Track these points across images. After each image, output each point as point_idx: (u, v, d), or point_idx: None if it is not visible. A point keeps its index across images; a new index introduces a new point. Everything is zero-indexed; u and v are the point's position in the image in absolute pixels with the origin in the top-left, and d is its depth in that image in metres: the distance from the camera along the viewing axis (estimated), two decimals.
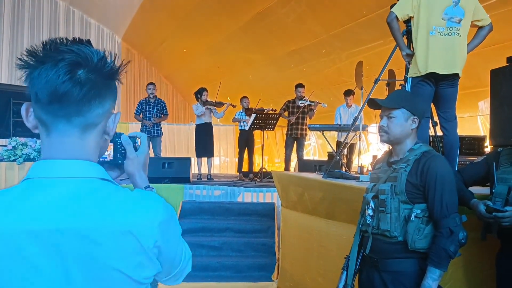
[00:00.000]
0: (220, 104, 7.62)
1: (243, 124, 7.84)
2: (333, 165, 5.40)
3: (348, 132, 5.12)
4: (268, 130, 7.49)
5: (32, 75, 0.84)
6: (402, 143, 2.11)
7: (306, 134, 7.85)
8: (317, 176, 4.07)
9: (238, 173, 8.10)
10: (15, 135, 5.92)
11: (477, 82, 6.95)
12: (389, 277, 2.01)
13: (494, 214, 2.20)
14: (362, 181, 3.45)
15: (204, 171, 7.86)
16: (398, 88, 4.28)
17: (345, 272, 2.20)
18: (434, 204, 1.92)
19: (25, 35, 11.10)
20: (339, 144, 7.42)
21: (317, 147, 12.32)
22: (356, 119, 3.90)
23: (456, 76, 3.17)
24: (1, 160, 5.66)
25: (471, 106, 7.66)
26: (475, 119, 7.74)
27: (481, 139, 4.79)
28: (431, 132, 3.63)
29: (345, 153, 7.47)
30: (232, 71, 12.33)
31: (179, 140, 11.10)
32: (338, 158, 6.04)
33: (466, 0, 3.11)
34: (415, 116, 2.07)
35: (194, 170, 7.96)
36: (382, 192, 2.05)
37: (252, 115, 7.33)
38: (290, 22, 8.78)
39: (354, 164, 7.33)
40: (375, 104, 2.22)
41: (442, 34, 3.10)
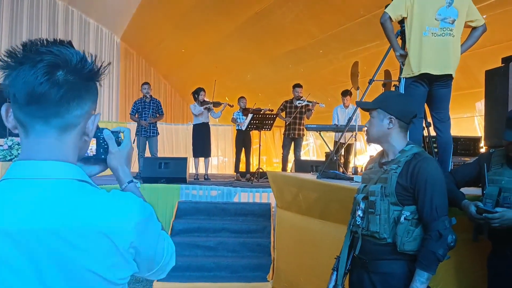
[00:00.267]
0: (217, 104, 7.61)
1: (239, 124, 7.84)
2: (329, 165, 5.41)
3: (342, 133, 5.11)
4: (265, 130, 7.48)
5: (11, 76, 0.84)
6: (385, 143, 2.10)
7: (304, 134, 7.84)
8: (311, 176, 4.06)
9: (235, 173, 8.10)
10: (11, 135, 5.92)
11: (474, 82, 6.96)
12: (378, 278, 2.00)
13: (484, 215, 2.20)
14: (356, 181, 3.44)
15: (201, 171, 7.86)
16: (393, 89, 4.28)
17: (335, 272, 2.20)
18: (424, 207, 1.91)
19: (23, 34, 11.07)
20: (336, 144, 7.41)
21: (315, 147, 12.33)
22: (350, 119, 3.90)
23: (449, 77, 3.16)
24: None
25: (468, 107, 7.67)
26: (472, 120, 7.74)
27: (476, 140, 4.78)
28: (425, 132, 3.62)
29: (342, 153, 7.47)
30: (230, 71, 12.34)
31: (177, 140, 11.10)
32: (335, 158, 6.05)
33: (460, 0, 3.11)
34: (392, 116, 2.05)
35: (191, 170, 7.96)
36: (372, 194, 2.04)
37: (249, 115, 7.33)
38: (287, 23, 8.79)
39: (352, 164, 7.33)
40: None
41: (435, 34, 3.09)
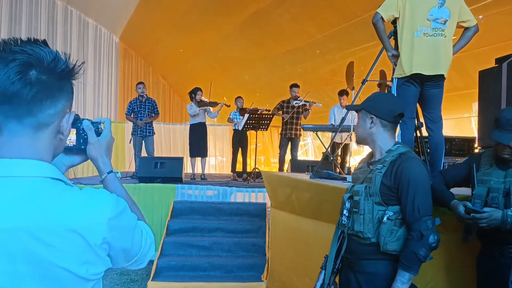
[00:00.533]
0: (214, 104, 7.61)
1: (236, 124, 7.84)
2: (324, 165, 5.40)
3: (335, 133, 5.11)
4: (261, 130, 7.49)
5: None
6: (371, 143, 2.11)
7: (301, 135, 7.84)
8: (305, 176, 4.06)
9: (232, 173, 8.10)
10: None
11: (471, 83, 6.95)
12: (363, 278, 2.00)
13: (472, 215, 2.21)
14: (349, 181, 3.44)
15: (198, 171, 7.85)
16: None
17: (323, 271, 2.20)
18: (406, 207, 1.90)
19: (22, 34, 11.05)
20: (334, 144, 7.42)
21: (312, 147, 12.34)
22: (343, 119, 3.89)
23: (441, 77, 3.16)
24: None
25: (465, 107, 7.67)
26: (469, 120, 7.74)
27: (471, 140, 4.78)
28: (418, 133, 3.61)
29: (339, 153, 7.47)
30: (228, 71, 12.35)
31: (174, 140, 11.10)
32: (331, 159, 6.06)
33: (452, 1, 3.11)
34: (373, 116, 2.05)
35: (188, 170, 7.96)
36: (356, 193, 2.05)
37: (245, 115, 7.33)
38: (284, 23, 8.79)
39: (348, 164, 7.33)
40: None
41: (427, 35, 3.09)
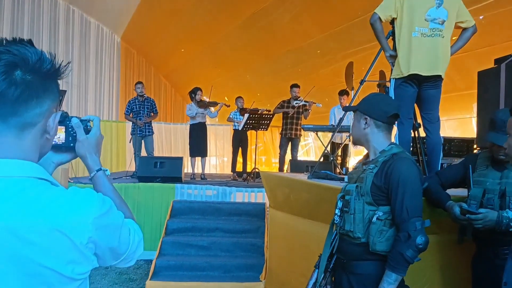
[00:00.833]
0: (214, 103, 7.61)
1: (237, 124, 7.84)
2: (324, 166, 5.40)
3: (334, 133, 5.11)
4: (261, 130, 7.48)
5: None
6: (366, 144, 2.11)
7: (301, 135, 7.83)
8: (303, 177, 4.06)
9: (232, 173, 8.10)
10: None
11: (472, 83, 6.88)
12: (355, 279, 2.00)
13: (468, 216, 2.20)
14: (346, 182, 3.44)
15: (198, 170, 7.86)
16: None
17: (317, 270, 2.20)
18: (395, 207, 1.89)
19: (25, 33, 11.08)
20: (333, 145, 7.41)
21: (313, 147, 12.33)
22: (341, 120, 3.89)
23: (438, 78, 3.16)
24: None
25: (466, 108, 7.65)
26: (470, 121, 7.71)
27: (470, 141, 4.76)
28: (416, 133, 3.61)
29: (339, 154, 7.46)
30: (229, 71, 12.35)
31: (175, 140, 11.10)
32: (332, 159, 6.06)
33: (450, 1, 3.10)
34: (366, 116, 2.06)
35: (188, 169, 7.96)
36: (348, 193, 2.05)
37: (245, 115, 7.33)
38: (285, 23, 8.79)
39: (348, 165, 7.32)
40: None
41: (425, 35, 3.09)
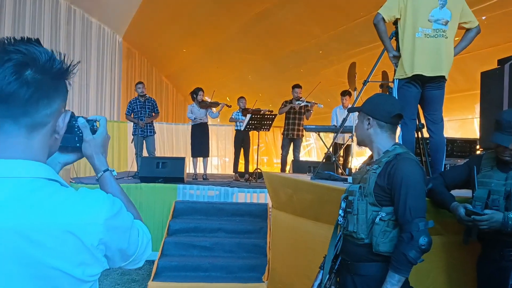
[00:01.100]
0: (215, 104, 7.60)
1: (239, 124, 7.82)
2: (326, 166, 5.39)
3: (337, 133, 5.10)
4: (263, 130, 7.47)
5: None
6: (369, 144, 2.11)
7: (303, 135, 7.82)
8: (306, 177, 4.05)
9: (234, 173, 8.09)
10: None
11: (474, 84, 6.89)
12: (359, 280, 1.99)
13: (473, 217, 2.19)
14: (349, 182, 3.43)
15: (200, 171, 7.84)
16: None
17: (321, 271, 2.19)
18: (398, 208, 1.88)
19: (26, 33, 11.07)
20: (336, 145, 7.40)
21: (315, 148, 12.32)
22: (344, 120, 3.88)
23: (442, 79, 3.15)
24: None
25: (469, 108, 7.64)
26: (472, 122, 7.70)
27: (473, 142, 4.75)
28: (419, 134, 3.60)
29: (341, 154, 7.45)
30: (231, 72, 12.35)
31: (177, 140, 11.10)
32: (333, 159, 6.04)
33: (453, 2, 3.09)
34: (369, 117, 2.05)
35: (190, 170, 7.96)
36: (351, 193, 2.05)
37: (248, 116, 7.32)
38: (288, 23, 8.78)
39: (350, 165, 7.31)
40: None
41: (428, 36, 3.08)
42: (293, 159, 7.47)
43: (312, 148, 13.07)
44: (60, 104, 0.94)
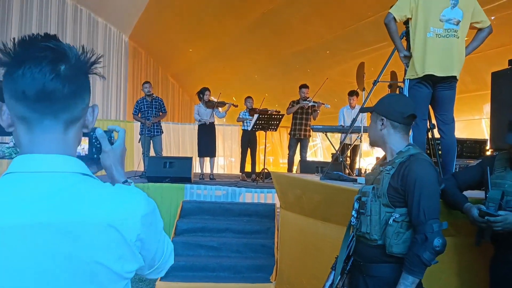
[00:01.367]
0: (222, 103, 7.60)
1: (246, 124, 7.81)
2: (334, 166, 5.37)
3: (346, 134, 5.08)
4: (270, 130, 7.46)
5: (16, 74, 0.84)
6: (383, 145, 2.10)
7: (310, 135, 7.80)
8: (315, 177, 4.04)
9: (241, 173, 8.08)
10: None
11: (482, 84, 6.88)
12: (371, 281, 1.99)
13: (487, 218, 2.18)
14: (360, 183, 3.42)
15: (207, 170, 7.84)
16: (397, 91, 4.24)
17: (333, 272, 2.19)
18: (412, 209, 1.87)
19: (32, 33, 11.16)
20: (343, 145, 7.37)
21: (321, 148, 12.30)
22: (354, 120, 3.87)
23: (453, 79, 3.13)
24: (2, 157, 5.68)
25: (476, 109, 7.60)
26: (480, 122, 7.66)
27: (482, 142, 4.72)
28: (430, 134, 3.58)
29: (348, 154, 7.43)
30: (237, 71, 12.34)
31: (183, 140, 11.12)
32: (341, 160, 6.02)
33: (465, 1, 3.07)
34: (383, 117, 2.04)
35: (197, 170, 7.96)
36: (364, 194, 2.04)
37: (255, 116, 7.31)
38: (294, 23, 8.76)
39: (357, 166, 7.28)
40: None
41: (439, 35, 3.06)
42: (300, 159, 7.46)
43: (318, 148, 13.06)
44: (89, 97, 0.96)
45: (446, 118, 3.22)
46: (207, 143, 7.51)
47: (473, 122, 7.90)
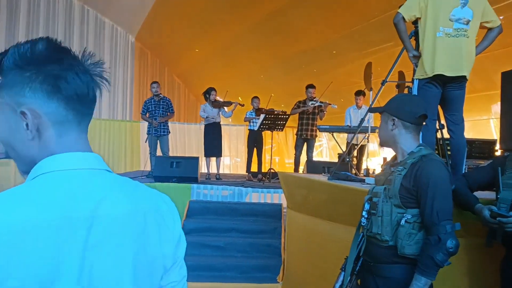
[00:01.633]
0: (228, 103, 7.60)
1: (252, 124, 7.81)
2: (341, 167, 5.35)
3: (354, 134, 5.06)
4: (277, 130, 7.46)
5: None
6: (393, 145, 2.08)
7: (316, 135, 7.79)
8: (322, 177, 4.03)
9: (247, 173, 8.07)
10: None
11: (490, 84, 6.84)
12: (382, 282, 1.98)
13: (499, 219, 2.16)
14: (367, 183, 3.40)
15: (213, 170, 7.84)
16: (406, 91, 4.22)
17: (343, 272, 2.17)
18: (425, 210, 1.86)
19: (40, 34, 11.22)
20: (350, 145, 7.34)
21: (328, 148, 12.28)
22: (362, 120, 3.84)
23: (463, 79, 3.10)
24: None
25: (484, 109, 7.55)
26: (488, 122, 7.61)
27: (491, 143, 4.68)
28: (439, 135, 3.55)
29: (355, 155, 7.40)
30: (243, 71, 12.35)
31: (189, 140, 11.13)
32: (347, 160, 6.00)
33: (475, 1, 3.05)
34: (394, 117, 2.02)
35: (203, 169, 7.97)
36: (375, 195, 2.03)
37: (261, 116, 7.31)
38: (300, 23, 8.75)
39: (364, 166, 7.26)
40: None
41: (449, 35, 3.04)
42: (307, 159, 7.45)
43: (324, 148, 13.03)
44: None
45: (456, 118, 3.20)
46: (213, 143, 7.51)
47: (481, 122, 7.85)
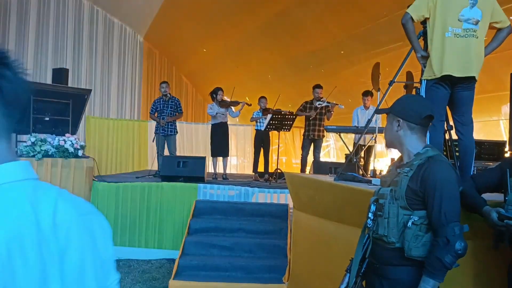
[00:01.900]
0: (235, 103, 7.60)
1: (259, 124, 7.81)
2: (348, 167, 5.33)
3: (361, 134, 5.04)
4: (284, 130, 7.45)
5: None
6: (399, 146, 2.07)
7: (324, 136, 7.77)
8: (329, 178, 4.01)
9: (254, 173, 8.07)
10: (35, 131, 6.04)
11: (500, 85, 6.77)
12: (388, 284, 1.96)
13: (506, 221, 2.14)
14: (374, 184, 3.38)
15: (220, 170, 7.85)
16: (414, 91, 4.19)
17: (348, 274, 2.16)
18: (433, 212, 1.84)
19: (50, 33, 11.34)
20: (357, 146, 7.31)
21: (335, 149, 12.23)
22: (369, 121, 3.82)
23: (472, 79, 3.07)
24: (20, 156, 5.77)
25: (494, 110, 7.48)
26: (498, 123, 7.54)
27: (501, 144, 4.64)
28: (447, 136, 3.52)
29: (362, 155, 7.37)
30: (250, 71, 12.35)
31: (196, 139, 11.15)
32: (355, 160, 5.98)
33: (484, 1, 3.02)
34: (399, 118, 2.01)
35: (210, 169, 7.98)
36: (381, 196, 2.01)
37: (268, 116, 7.31)
38: (308, 23, 8.73)
39: (371, 167, 7.22)
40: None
41: (458, 35, 3.01)
42: (313, 159, 7.43)
43: (331, 148, 12.99)
44: None
45: (465, 120, 3.16)
46: (220, 142, 7.52)
47: (490, 123, 7.78)
